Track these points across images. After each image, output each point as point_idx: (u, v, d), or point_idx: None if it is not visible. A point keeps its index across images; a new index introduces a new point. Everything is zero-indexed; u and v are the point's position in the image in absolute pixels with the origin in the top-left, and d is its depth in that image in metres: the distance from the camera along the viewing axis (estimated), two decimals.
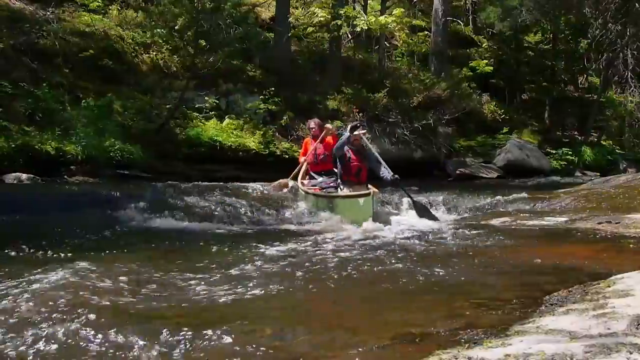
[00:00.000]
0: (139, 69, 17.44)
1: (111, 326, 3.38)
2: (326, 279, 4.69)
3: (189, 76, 16.70)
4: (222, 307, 3.86)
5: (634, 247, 6.04)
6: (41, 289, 4.03)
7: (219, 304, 3.95)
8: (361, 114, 19.52)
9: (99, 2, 18.30)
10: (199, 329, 3.29)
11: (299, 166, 10.65)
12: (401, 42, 25.93)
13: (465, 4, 31.47)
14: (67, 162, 13.12)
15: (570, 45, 29.22)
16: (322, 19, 19.65)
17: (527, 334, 2.92)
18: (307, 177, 10.37)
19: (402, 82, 22.72)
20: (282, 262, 5.33)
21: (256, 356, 2.96)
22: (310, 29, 22.71)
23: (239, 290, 4.30)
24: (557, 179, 21.00)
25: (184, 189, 10.48)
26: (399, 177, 9.15)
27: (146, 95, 16.49)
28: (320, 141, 10.18)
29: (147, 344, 3.14)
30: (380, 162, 9.47)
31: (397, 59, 25.90)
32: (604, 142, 27.27)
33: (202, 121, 16.94)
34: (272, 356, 2.96)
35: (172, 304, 3.95)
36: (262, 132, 17.45)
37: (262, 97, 18.16)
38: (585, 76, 31.74)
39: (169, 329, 3.31)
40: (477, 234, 7.16)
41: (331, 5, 19.63)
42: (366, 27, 19.44)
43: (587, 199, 10.29)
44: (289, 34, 20.64)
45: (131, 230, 7.91)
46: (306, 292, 4.29)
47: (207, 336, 3.21)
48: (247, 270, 5.01)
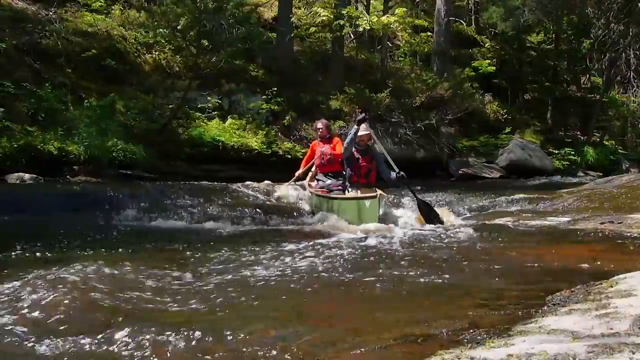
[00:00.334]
0: (142, 69, 17.44)
1: (112, 326, 3.39)
2: (329, 279, 4.69)
3: (192, 76, 16.70)
4: (224, 308, 3.86)
5: (636, 247, 6.03)
6: (42, 289, 4.03)
7: (221, 304, 3.94)
8: (363, 114, 19.47)
9: (101, 2, 18.34)
10: (201, 329, 3.29)
11: (299, 171, 10.69)
12: (404, 42, 25.91)
13: (467, 4, 31.45)
14: (69, 162, 13.11)
15: (572, 45, 29.21)
16: (324, 19, 19.66)
17: (529, 334, 2.92)
18: (315, 179, 10.26)
19: (405, 82, 22.70)
20: (285, 263, 5.33)
21: (258, 356, 2.97)
22: (312, 29, 22.71)
23: (240, 290, 4.30)
24: (559, 179, 21.00)
25: (185, 189, 10.50)
26: (404, 175, 8.89)
27: (149, 95, 16.48)
28: (327, 142, 10.13)
29: (148, 344, 3.14)
30: (387, 161, 9.25)
31: (400, 59, 25.90)
32: (606, 142, 27.25)
33: (205, 121, 16.95)
34: (274, 356, 2.97)
35: (174, 304, 3.95)
36: (264, 132, 17.44)
37: (264, 97, 18.14)
38: (587, 76, 31.72)
39: (170, 329, 3.31)
40: (479, 234, 7.16)
41: (334, 5, 19.64)
42: (369, 27, 19.44)
43: (590, 199, 10.30)
44: (292, 34, 20.66)
45: (132, 230, 7.92)
46: (308, 293, 4.29)
47: (209, 336, 3.21)
48: (249, 270, 5.01)
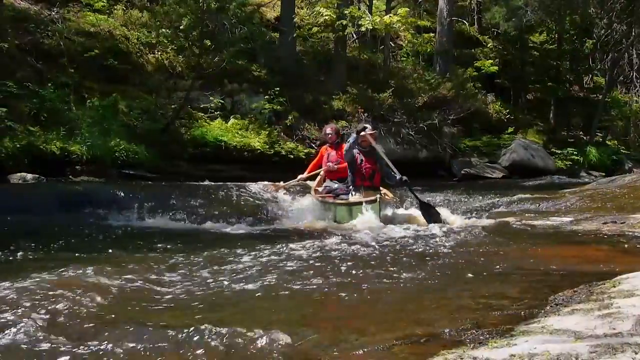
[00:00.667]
0: (144, 69, 17.46)
1: (113, 326, 3.39)
2: (331, 280, 4.69)
3: (194, 76, 16.71)
4: (227, 308, 3.87)
5: (639, 247, 6.03)
6: (42, 289, 4.04)
7: (223, 305, 3.95)
8: (366, 114, 19.51)
9: (103, 2, 18.34)
10: (204, 329, 3.29)
11: (303, 175, 10.59)
12: (406, 42, 25.91)
13: (470, 4, 31.41)
14: (72, 162, 13.14)
15: (575, 45, 29.17)
16: (327, 19, 19.66)
17: (532, 334, 2.92)
18: (322, 184, 10.11)
19: (407, 82, 22.71)
20: (287, 264, 5.33)
21: (261, 356, 2.96)
22: (315, 29, 22.72)
23: (243, 290, 4.31)
24: (562, 178, 20.96)
25: (187, 189, 10.51)
26: (407, 179, 8.75)
27: (151, 95, 16.51)
28: (336, 148, 9.95)
29: (150, 344, 3.14)
30: (388, 165, 8.99)
31: (402, 59, 25.88)
32: (609, 142, 27.21)
33: (207, 121, 16.97)
34: (277, 356, 2.97)
35: (175, 305, 3.96)
36: (267, 132, 17.44)
37: (267, 97, 18.12)
38: (590, 76, 31.67)
39: (171, 329, 3.31)
40: (482, 234, 7.16)
41: (336, 5, 19.64)
42: (371, 27, 19.45)
43: (592, 199, 10.29)
44: (294, 34, 20.67)
45: (135, 230, 7.94)
46: (311, 293, 4.29)
47: (212, 336, 3.21)
48: (250, 271, 5.01)
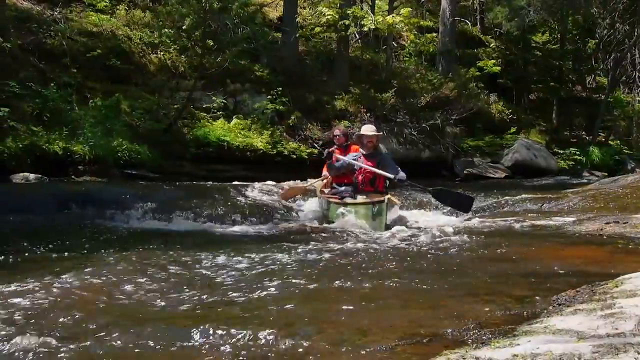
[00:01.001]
0: (147, 69, 17.46)
1: (114, 326, 3.40)
2: (334, 280, 4.69)
3: (197, 76, 16.71)
4: (230, 308, 3.87)
5: None
6: (43, 288, 4.05)
7: (226, 305, 3.95)
8: (369, 114, 19.51)
9: (106, 2, 18.35)
10: (207, 329, 3.30)
11: (320, 182, 10.27)
12: (409, 42, 25.89)
13: (473, 4, 31.40)
14: (74, 162, 13.12)
15: (578, 45, 29.15)
16: (329, 19, 19.64)
17: (534, 334, 2.92)
18: (329, 187, 9.92)
19: (410, 82, 22.68)
20: (290, 264, 5.34)
21: (265, 356, 2.97)
22: (317, 29, 22.68)
23: (244, 291, 4.31)
24: (564, 178, 20.96)
25: (190, 189, 10.52)
26: (404, 176, 8.56)
27: (154, 95, 16.49)
28: (344, 150, 9.68)
29: (150, 344, 3.15)
30: (390, 165, 8.80)
31: (405, 59, 25.85)
32: (611, 142, 27.15)
33: (210, 121, 16.96)
34: (280, 356, 2.97)
35: (180, 305, 3.96)
36: (269, 132, 17.42)
37: (269, 97, 18.12)
38: (593, 76, 31.64)
39: (172, 329, 3.33)
40: (484, 235, 7.16)
41: (339, 5, 19.63)
42: (374, 27, 19.43)
43: (595, 199, 10.27)
44: (297, 34, 20.66)
45: (137, 230, 7.95)
46: (314, 293, 4.29)
47: (215, 336, 3.22)
48: (254, 271, 5.02)
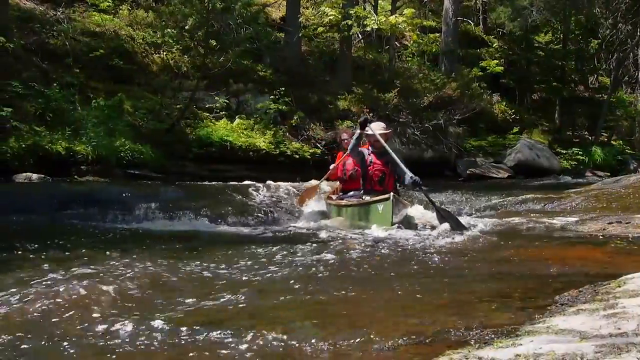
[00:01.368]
0: (150, 69, 17.49)
1: (116, 326, 3.40)
2: (337, 280, 4.69)
3: (200, 76, 16.72)
4: (234, 308, 3.87)
5: None
6: (44, 288, 4.06)
7: (230, 305, 3.95)
8: (372, 114, 19.51)
9: (109, 2, 18.38)
10: (211, 329, 3.30)
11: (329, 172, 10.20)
12: (411, 42, 25.89)
13: (475, 4, 31.38)
14: (77, 162, 13.13)
15: (580, 45, 29.15)
16: (332, 19, 19.66)
17: (537, 334, 2.91)
18: (337, 194, 9.69)
19: (413, 82, 22.69)
20: (294, 264, 5.33)
21: (268, 356, 2.97)
22: (320, 29, 22.71)
23: (250, 290, 4.31)
24: (567, 179, 20.96)
25: (193, 189, 10.52)
26: (419, 180, 8.01)
27: (156, 95, 16.51)
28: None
29: (151, 344, 3.16)
30: (399, 165, 8.27)
31: (408, 58, 25.84)
32: (614, 142, 27.15)
33: (213, 121, 16.97)
34: (284, 356, 2.97)
35: (178, 304, 3.96)
36: (272, 132, 17.42)
37: (272, 97, 18.11)
38: (595, 76, 31.65)
39: (174, 329, 3.33)
40: (487, 234, 7.15)
41: (341, 5, 19.64)
42: (376, 27, 19.46)
43: (598, 199, 10.27)
44: (300, 34, 20.68)
45: (140, 230, 7.95)
46: (318, 293, 4.29)
47: (219, 336, 3.22)
48: (258, 271, 5.02)
